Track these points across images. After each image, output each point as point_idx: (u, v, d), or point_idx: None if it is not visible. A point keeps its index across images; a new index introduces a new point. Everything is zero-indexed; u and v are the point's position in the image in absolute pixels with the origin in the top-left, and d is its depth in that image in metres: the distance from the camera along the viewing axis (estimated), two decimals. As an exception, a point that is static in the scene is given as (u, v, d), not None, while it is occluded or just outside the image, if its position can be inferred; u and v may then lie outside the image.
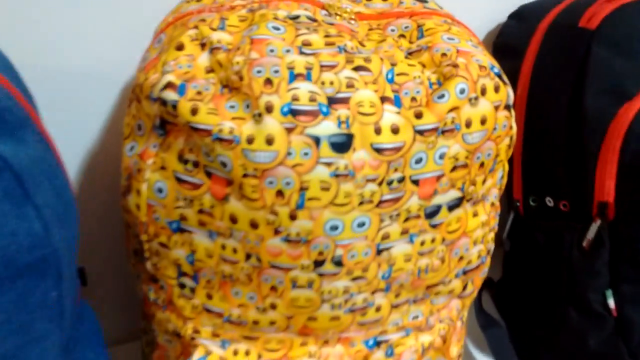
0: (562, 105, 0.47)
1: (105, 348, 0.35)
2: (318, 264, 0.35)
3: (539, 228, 0.50)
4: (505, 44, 0.53)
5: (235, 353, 0.38)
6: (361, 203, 0.34)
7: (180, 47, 0.34)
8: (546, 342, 0.50)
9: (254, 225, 0.34)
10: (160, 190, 0.35)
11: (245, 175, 0.33)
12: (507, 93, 0.37)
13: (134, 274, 0.41)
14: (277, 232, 0.34)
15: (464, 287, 0.41)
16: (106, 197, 0.53)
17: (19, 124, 0.27)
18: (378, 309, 0.38)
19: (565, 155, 0.47)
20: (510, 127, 0.38)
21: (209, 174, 0.34)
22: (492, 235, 0.41)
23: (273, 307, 0.36)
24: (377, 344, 0.39)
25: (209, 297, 0.37)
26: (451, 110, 0.35)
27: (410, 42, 0.37)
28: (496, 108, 0.36)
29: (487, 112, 0.36)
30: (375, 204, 0.35)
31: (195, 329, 0.38)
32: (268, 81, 0.33)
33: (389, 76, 0.35)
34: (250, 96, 0.33)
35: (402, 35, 0.38)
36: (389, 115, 0.34)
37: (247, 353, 0.37)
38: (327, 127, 0.33)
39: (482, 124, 0.36)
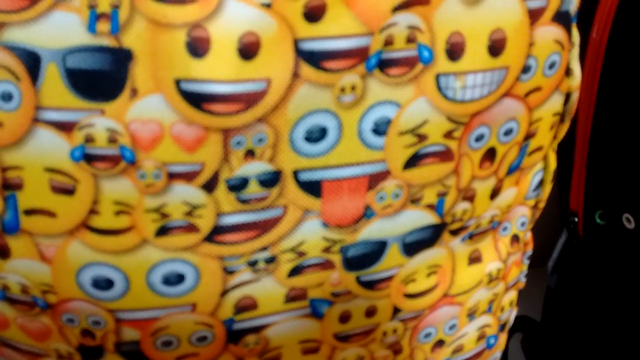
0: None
1: None
2: None
3: (607, 261, 0.41)
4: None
5: None
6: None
7: None
8: None
9: None
10: None
11: None
12: None
13: None
14: None
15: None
16: None
17: None
18: None
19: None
20: (567, 71, 0.23)
21: None
22: (511, 297, 0.29)
23: None
24: None
25: None
26: (404, 5, 0.20)
27: None
28: (533, 16, 0.22)
29: (507, 22, 0.21)
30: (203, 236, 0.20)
31: None
32: None
33: None
34: None
35: None
36: (237, 7, 0.18)
37: None
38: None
39: (492, 52, 0.21)
